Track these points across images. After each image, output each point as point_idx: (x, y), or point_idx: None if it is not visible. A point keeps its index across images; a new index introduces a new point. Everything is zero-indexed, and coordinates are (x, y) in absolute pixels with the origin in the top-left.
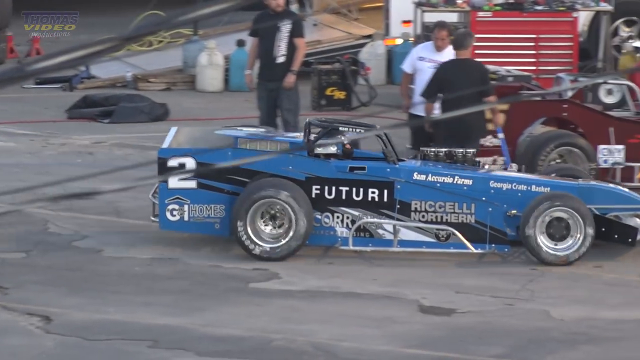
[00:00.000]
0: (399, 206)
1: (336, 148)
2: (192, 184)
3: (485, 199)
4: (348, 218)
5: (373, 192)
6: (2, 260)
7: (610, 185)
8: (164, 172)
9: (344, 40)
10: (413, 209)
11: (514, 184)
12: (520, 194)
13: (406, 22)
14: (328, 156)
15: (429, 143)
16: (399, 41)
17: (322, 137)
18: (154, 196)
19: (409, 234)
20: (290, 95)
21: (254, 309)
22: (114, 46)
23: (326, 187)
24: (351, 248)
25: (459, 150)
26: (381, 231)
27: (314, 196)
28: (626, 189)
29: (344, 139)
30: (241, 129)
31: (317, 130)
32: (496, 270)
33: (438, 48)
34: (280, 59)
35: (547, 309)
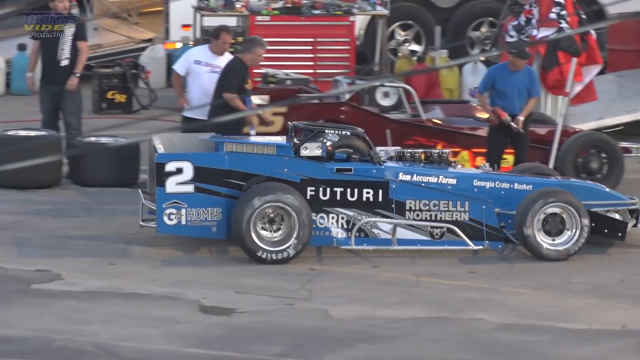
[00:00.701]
0: (393, 206)
1: (320, 150)
2: (190, 188)
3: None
4: (343, 218)
5: (368, 193)
6: None
7: (588, 182)
8: (162, 176)
9: (125, 44)
10: (407, 208)
11: (497, 182)
12: (503, 192)
13: (186, 26)
14: (311, 158)
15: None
16: (179, 45)
17: (307, 140)
18: (146, 199)
19: (405, 233)
20: (73, 98)
21: (37, 310)
22: None
23: (321, 189)
24: (353, 248)
25: (435, 150)
26: (376, 230)
27: (308, 197)
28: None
29: (327, 141)
30: None
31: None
32: (275, 270)
33: (219, 52)
34: (64, 62)
35: (326, 308)
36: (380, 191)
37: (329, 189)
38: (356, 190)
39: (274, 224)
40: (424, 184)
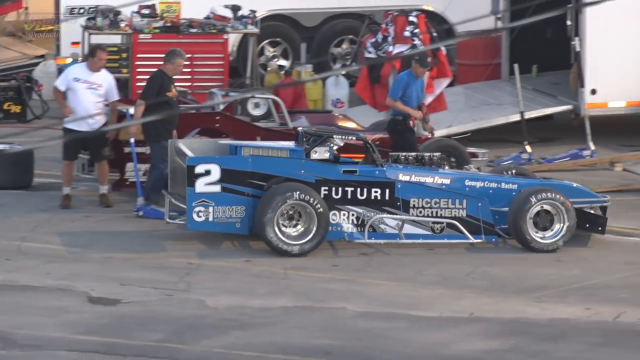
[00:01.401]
0: (399, 203)
1: (328, 154)
2: (217, 189)
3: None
4: (353, 215)
5: (376, 192)
6: None
7: (566, 181)
8: (192, 177)
9: (19, 60)
10: (412, 205)
11: (486, 182)
12: (491, 190)
13: (75, 43)
14: (320, 161)
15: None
16: (69, 60)
17: (318, 145)
18: (176, 199)
19: (408, 228)
20: None
21: None
22: None
23: (333, 188)
24: (366, 241)
25: (427, 154)
26: (383, 226)
27: (322, 196)
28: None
29: (334, 146)
30: None
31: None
32: (157, 263)
33: (96, 69)
34: None
35: (203, 299)
36: (388, 190)
37: (340, 189)
38: (365, 190)
39: (292, 220)
40: (426, 184)
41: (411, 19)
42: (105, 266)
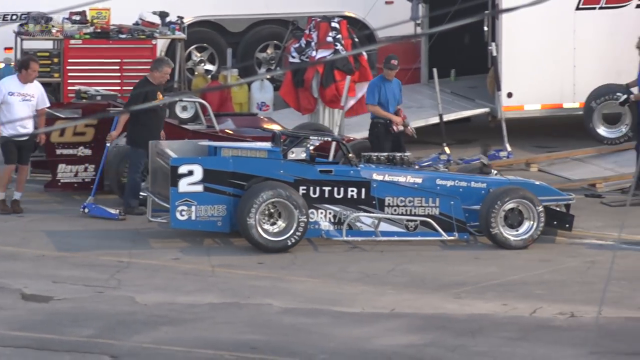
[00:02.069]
0: (375, 202)
1: (305, 154)
2: (200, 188)
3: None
4: (330, 213)
5: (352, 191)
6: None
7: (532, 180)
8: (176, 177)
9: None
10: (387, 204)
11: (456, 181)
12: (461, 189)
13: (8, 48)
14: (298, 161)
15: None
16: (2, 65)
17: (294, 145)
18: (159, 199)
19: (383, 226)
20: None
21: None
22: None
23: (311, 187)
24: (344, 239)
25: (397, 154)
26: (359, 224)
27: (301, 195)
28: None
29: (310, 146)
30: None
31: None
32: (88, 262)
33: (29, 80)
34: None
35: (133, 295)
36: (363, 189)
37: (318, 188)
38: (342, 189)
39: (272, 218)
40: (399, 183)
41: (333, 25)
42: (38, 264)
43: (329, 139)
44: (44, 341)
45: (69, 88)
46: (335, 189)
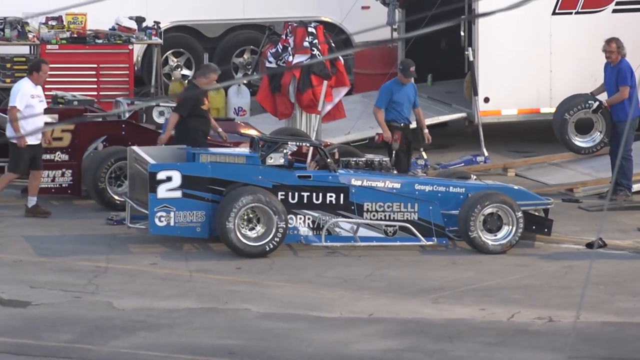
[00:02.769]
0: (354, 207)
1: (283, 160)
2: (178, 194)
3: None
4: (309, 219)
5: (331, 196)
6: None
7: (511, 185)
8: (154, 183)
9: None
10: (365, 209)
11: (435, 185)
12: (440, 194)
13: None
14: (276, 166)
15: None
16: None
17: (272, 151)
18: (137, 204)
19: (362, 231)
20: None
21: None
22: None
23: (290, 193)
24: (323, 244)
25: (376, 159)
26: (338, 229)
27: (280, 201)
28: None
29: (288, 152)
30: None
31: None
32: (66, 267)
33: (41, 82)
34: None
35: (110, 301)
36: (342, 195)
37: (296, 193)
38: (320, 194)
39: (251, 223)
40: (378, 188)
41: (310, 29)
42: (16, 269)
43: (307, 144)
44: (22, 346)
45: (46, 93)
46: (314, 194)
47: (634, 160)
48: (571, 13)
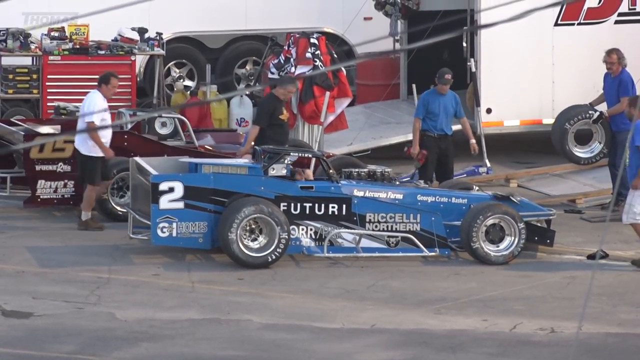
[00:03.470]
0: (356, 218)
1: (285, 170)
2: (180, 205)
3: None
4: (312, 230)
5: (333, 207)
6: None
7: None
8: (157, 194)
9: None
10: (367, 220)
11: (437, 196)
12: (442, 205)
13: None
14: (278, 177)
15: None
16: None
17: (275, 162)
18: (140, 216)
19: (364, 242)
20: None
21: None
22: None
23: (292, 204)
24: (326, 255)
25: (378, 169)
26: (341, 240)
27: (282, 211)
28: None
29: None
30: None
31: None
32: (68, 277)
33: (111, 95)
34: None
35: (113, 311)
36: (344, 206)
37: (299, 204)
38: (323, 205)
39: (253, 234)
40: (380, 199)
41: (312, 40)
42: (18, 280)
43: (310, 155)
44: (25, 357)
45: (49, 104)
46: (316, 205)
47: None
48: (573, 24)
